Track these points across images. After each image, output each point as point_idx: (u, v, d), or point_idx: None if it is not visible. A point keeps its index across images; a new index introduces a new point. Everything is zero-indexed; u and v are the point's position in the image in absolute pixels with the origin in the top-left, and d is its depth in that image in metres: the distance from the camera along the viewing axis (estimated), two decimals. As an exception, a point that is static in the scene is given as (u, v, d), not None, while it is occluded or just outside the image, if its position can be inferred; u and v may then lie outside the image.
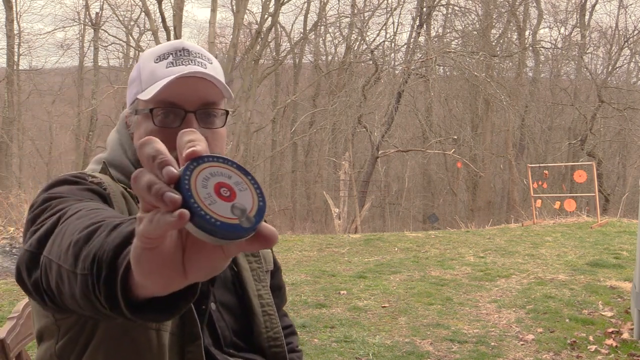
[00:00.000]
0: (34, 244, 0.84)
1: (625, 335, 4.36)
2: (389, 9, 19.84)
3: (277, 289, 1.39)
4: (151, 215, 0.51)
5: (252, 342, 1.22)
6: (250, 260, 1.27)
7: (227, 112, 1.17)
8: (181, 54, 1.14)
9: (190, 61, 1.13)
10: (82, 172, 1.10)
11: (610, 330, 4.48)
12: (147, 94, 1.10)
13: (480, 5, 19.20)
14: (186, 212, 0.50)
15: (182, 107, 1.10)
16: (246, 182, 0.55)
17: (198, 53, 1.16)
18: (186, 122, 1.10)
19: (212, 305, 1.16)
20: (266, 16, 19.58)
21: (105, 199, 1.04)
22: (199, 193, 0.51)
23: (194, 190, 0.51)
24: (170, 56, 1.14)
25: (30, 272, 0.82)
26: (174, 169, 0.52)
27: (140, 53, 1.59)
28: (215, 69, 1.15)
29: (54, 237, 0.81)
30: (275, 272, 1.39)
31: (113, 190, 1.07)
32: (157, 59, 1.14)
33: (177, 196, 0.50)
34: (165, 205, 0.50)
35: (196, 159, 0.53)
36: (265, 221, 0.55)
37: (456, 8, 18.51)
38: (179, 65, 1.12)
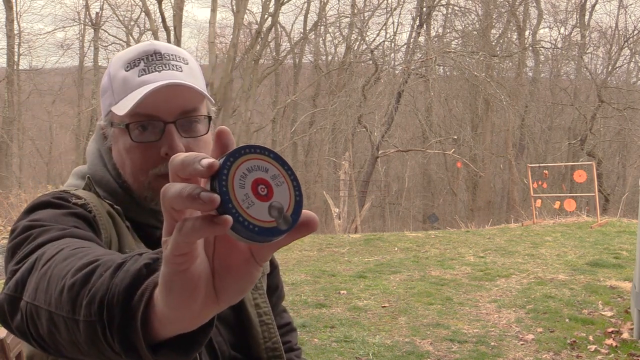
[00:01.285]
0: (12, 287, 0.78)
1: (625, 335, 4.36)
2: (389, 9, 19.87)
3: (275, 288, 1.36)
4: (180, 224, 0.47)
5: (251, 354, 1.18)
6: None
7: (209, 118, 1.08)
8: (152, 59, 1.05)
9: (163, 65, 1.04)
10: (65, 192, 1.02)
11: (610, 330, 4.49)
12: (121, 108, 1.02)
13: (480, 5, 19.21)
14: (229, 218, 0.47)
15: (159, 118, 1.02)
16: (283, 175, 0.52)
17: (171, 55, 1.06)
18: (166, 134, 1.02)
19: None
20: (266, 16, 19.59)
21: (90, 222, 0.97)
22: (236, 195, 0.48)
23: (232, 192, 0.48)
24: (142, 62, 1.05)
25: (12, 317, 0.76)
26: (214, 160, 0.48)
27: (110, 58, 1.46)
28: (191, 70, 1.07)
29: (37, 281, 0.74)
30: (273, 271, 1.35)
31: (99, 211, 1.00)
32: (127, 67, 1.05)
33: (215, 195, 0.47)
34: (204, 205, 0.46)
35: (233, 153, 0.50)
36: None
37: (456, 8, 18.53)
38: (152, 72, 1.04)
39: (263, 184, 0.50)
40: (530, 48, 21.28)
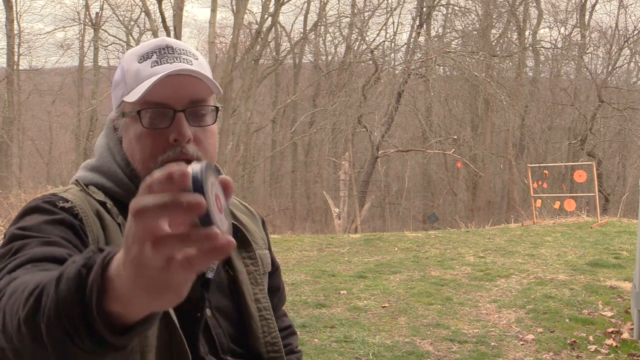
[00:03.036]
0: None
1: (625, 335, 4.36)
2: (389, 9, 19.86)
3: (276, 290, 1.37)
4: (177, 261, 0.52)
5: (250, 348, 1.20)
6: (247, 263, 1.23)
7: (217, 109, 1.13)
8: (165, 52, 1.10)
9: (175, 58, 1.09)
10: (54, 194, 1.06)
11: (610, 330, 4.48)
12: (133, 96, 1.07)
13: (480, 5, 19.21)
14: (231, 239, 0.51)
15: (170, 106, 1.07)
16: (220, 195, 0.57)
17: (182, 50, 1.12)
18: (176, 121, 1.06)
19: (208, 312, 1.14)
20: (266, 16, 19.57)
21: (76, 229, 1.00)
22: (212, 207, 0.53)
23: (211, 203, 0.52)
24: (154, 55, 1.10)
25: None
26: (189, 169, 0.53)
27: (123, 54, 1.53)
28: (201, 65, 1.12)
29: None
30: (274, 272, 1.37)
31: (85, 212, 1.04)
32: (140, 59, 1.10)
33: (202, 199, 0.50)
34: (189, 209, 0.50)
35: (206, 167, 0.54)
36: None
37: (456, 8, 18.53)
38: (164, 63, 1.08)
39: (218, 199, 0.55)
40: (530, 48, 21.27)
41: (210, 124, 1.11)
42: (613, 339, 4.29)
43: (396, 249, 8.06)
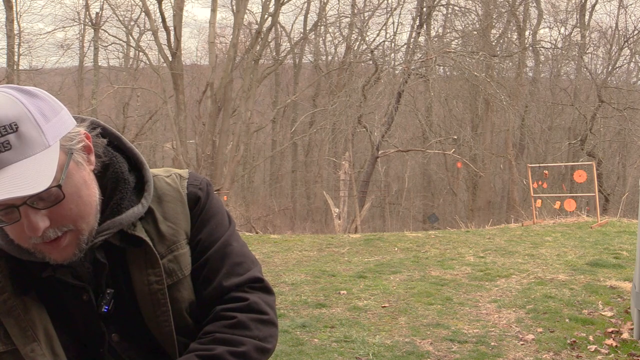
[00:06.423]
0: None
1: (625, 335, 4.36)
2: (389, 9, 19.88)
3: (201, 268, 1.19)
4: None
5: None
6: (151, 282, 1.12)
7: (58, 186, 0.97)
8: None
9: None
10: None
11: (610, 330, 4.48)
12: None
13: (480, 5, 19.21)
14: None
15: (9, 204, 0.94)
16: None
17: None
18: (23, 215, 0.96)
19: (115, 337, 1.12)
20: (266, 16, 19.58)
21: None
22: None
23: None
24: None
25: None
26: None
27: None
28: (22, 138, 0.93)
29: None
30: (205, 251, 1.19)
31: None
32: None
33: None
34: None
35: None
36: None
37: (456, 8, 18.54)
38: None
39: None
40: (530, 48, 21.28)
41: (61, 198, 0.97)
42: (613, 339, 4.28)
43: (396, 249, 8.06)
